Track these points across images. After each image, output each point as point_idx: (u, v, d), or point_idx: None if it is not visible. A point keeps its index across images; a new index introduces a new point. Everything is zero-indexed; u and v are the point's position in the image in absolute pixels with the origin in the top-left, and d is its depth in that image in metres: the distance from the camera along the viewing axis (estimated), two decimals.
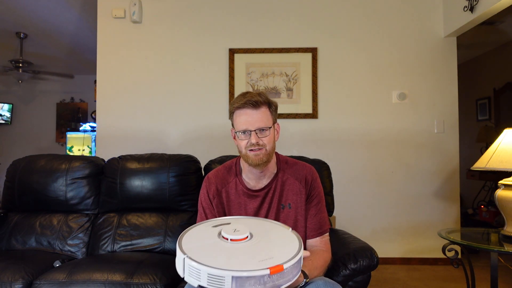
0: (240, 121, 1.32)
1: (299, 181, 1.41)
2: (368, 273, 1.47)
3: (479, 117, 4.92)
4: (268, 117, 1.34)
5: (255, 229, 1.10)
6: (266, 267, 0.90)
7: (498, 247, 1.85)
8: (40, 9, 3.76)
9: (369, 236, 3.14)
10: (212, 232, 1.09)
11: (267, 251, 1.00)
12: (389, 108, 3.24)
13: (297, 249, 1.01)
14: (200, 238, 1.08)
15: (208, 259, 0.92)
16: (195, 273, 0.91)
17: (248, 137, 1.30)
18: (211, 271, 0.88)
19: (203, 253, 0.96)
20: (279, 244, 1.06)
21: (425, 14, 3.25)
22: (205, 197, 1.42)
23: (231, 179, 1.43)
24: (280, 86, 3.26)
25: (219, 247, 1.01)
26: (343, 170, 3.16)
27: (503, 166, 1.89)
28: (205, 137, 3.25)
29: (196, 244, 1.02)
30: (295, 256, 0.96)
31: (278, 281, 0.91)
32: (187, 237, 1.07)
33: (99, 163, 2.21)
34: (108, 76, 3.30)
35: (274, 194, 1.39)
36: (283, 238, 1.10)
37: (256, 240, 1.05)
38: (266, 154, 1.31)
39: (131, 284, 1.56)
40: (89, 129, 5.10)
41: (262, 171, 1.37)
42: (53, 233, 2.03)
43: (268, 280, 0.90)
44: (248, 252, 1.00)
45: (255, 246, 1.02)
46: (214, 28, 3.29)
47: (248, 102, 1.29)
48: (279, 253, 0.99)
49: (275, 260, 0.93)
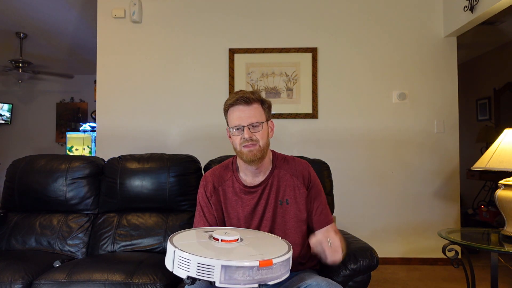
0: (233, 118, 1.35)
1: (296, 177, 1.42)
2: (368, 273, 1.48)
3: (479, 117, 4.92)
4: (260, 113, 1.36)
5: (246, 235, 1.14)
6: (256, 260, 0.93)
7: (498, 247, 1.85)
8: (40, 9, 3.76)
9: (369, 236, 3.13)
10: (203, 235, 1.12)
11: (258, 249, 1.04)
12: (389, 108, 3.24)
13: (286, 250, 1.04)
14: (191, 238, 1.11)
15: (198, 252, 0.95)
16: (184, 264, 0.93)
17: (241, 132, 1.33)
18: (200, 260, 0.91)
19: (194, 247, 0.99)
20: (269, 245, 1.10)
21: (425, 14, 3.25)
22: (203, 196, 1.44)
23: (228, 177, 1.45)
24: (280, 86, 3.25)
25: (210, 245, 1.05)
26: (343, 170, 3.16)
27: (503, 166, 1.89)
28: (205, 137, 3.25)
29: (187, 241, 1.05)
30: (285, 255, 1.00)
31: (266, 275, 0.94)
32: (178, 236, 1.10)
33: (99, 163, 2.21)
34: (108, 76, 3.30)
35: (270, 190, 1.40)
36: (272, 242, 1.13)
37: (247, 242, 1.08)
38: (260, 150, 1.33)
39: (131, 284, 1.56)
40: (89, 129, 5.10)
41: (257, 168, 1.39)
42: (53, 233, 2.03)
43: (257, 273, 0.92)
44: (239, 249, 1.03)
45: (246, 246, 1.06)
46: (214, 28, 3.29)
47: (240, 99, 1.33)
48: (269, 251, 1.02)
49: (265, 256, 0.97)
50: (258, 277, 0.93)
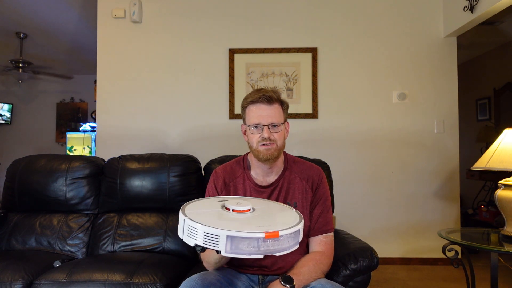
0: (253, 116, 1.34)
1: (305, 181, 1.41)
2: (368, 273, 1.47)
3: (479, 117, 4.92)
4: (280, 113, 1.35)
5: (259, 205, 1.15)
6: (262, 231, 0.94)
7: (498, 247, 1.85)
8: (40, 9, 3.76)
9: (369, 236, 3.13)
10: (216, 204, 1.13)
11: (267, 221, 1.04)
12: (389, 108, 3.24)
13: (296, 221, 1.03)
14: (203, 207, 1.11)
15: (207, 221, 0.96)
16: (193, 232, 0.95)
17: (260, 131, 1.32)
18: (207, 229, 0.93)
19: (204, 217, 1.00)
20: (280, 217, 1.10)
21: (425, 14, 3.25)
22: (213, 190, 1.43)
23: (239, 174, 1.44)
24: (280, 86, 3.25)
25: (221, 215, 1.05)
26: (343, 170, 3.16)
27: (503, 166, 1.89)
28: (205, 137, 3.25)
29: (198, 211, 1.06)
30: (293, 227, 0.99)
31: (272, 247, 0.94)
32: (191, 205, 1.11)
33: (99, 163, 2.21)
34: (108, 76, 3.30)
35: (280, 191, 1.40)
36: (284, 214, 1.13)
37: (258, 213, 1.09)
38: (276, 149, 1.33)
39: (131, 284, 1.56)
40: (89, 129, 5.10)
41: (270, 167, 1.39)
42: (53, 233, 2.03)
43: (262, 244, 0.93)
44: (248, 220, 1.03)
45: (256, 217, 1.06)
46: (214, 28, 3.29)
47: (262, 97, 1.32)
48: (277, 223, 1.02)
49: (272, 228, 0.97)
50: (264, 248, 0.93)
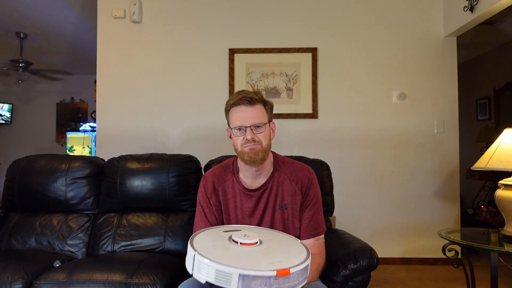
0: (235, 118, 1.32)
1: (294, 183, 1.39)
2: (368, 273, 1.47)
3: (479, 117, 4.92)
4: (263, 114, 1.34)
5: (265, 237, 1.13)
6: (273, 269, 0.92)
7: (498, 247, 1.85)
8: (40, 9, 3.76)
9: (369, 236, 3.13)
10: (223, 236, 1.11)
11: (276, 256, 1.02)
12: (389, 108, 3.24)
13: (305, 257, 1.03)
14: (211, 239, 1.10)
15: (218, 257, 0.95)
16: (204, 269, 0.94)
17: (243, 133, 1.31)
18: (219, 267, 0.91)
19: (214, 251, 0.99)
20: (288, 251, 1.08)
21: (425, 14, 3.25)
22: (203, 196, 1.42)
23: (228, 178, 1.43)
24: (280, 86, 3.25)
25: (229, 248, 1.04)
26: (343, 170, 3.16)
27: (503, 166, 1.89)
28: (205, 137, 3.25)
29: (207, 244, 1.05)
30: (303, 263, 0.98)
31: (283, 284, 0.93)
32: (198, 237, 1.10)
33: (99, 163, 2.21)
34: (108, 76, 3.30)
35: (270, 194, 1.39)
36: (291, 247, 1.12)
37: (266, 246, 1.07)
38: (261, 150, 1.31)
39: (131, 284, 1.56)
40: (89, 129, 5.10)
41: (258, 169, 1.37)
42: (53, 233, 2.03)
43: (274, 282, 0.92)
44: (257, 255, 1.02)
45: (264, 251, 1.04)
46: (214, 28, 3.29)
47: (243, 99, 1.31)
48: (287, 258, 1.00)
49: (283, 264, 0.95)
50: (275, 286, 0.92)
